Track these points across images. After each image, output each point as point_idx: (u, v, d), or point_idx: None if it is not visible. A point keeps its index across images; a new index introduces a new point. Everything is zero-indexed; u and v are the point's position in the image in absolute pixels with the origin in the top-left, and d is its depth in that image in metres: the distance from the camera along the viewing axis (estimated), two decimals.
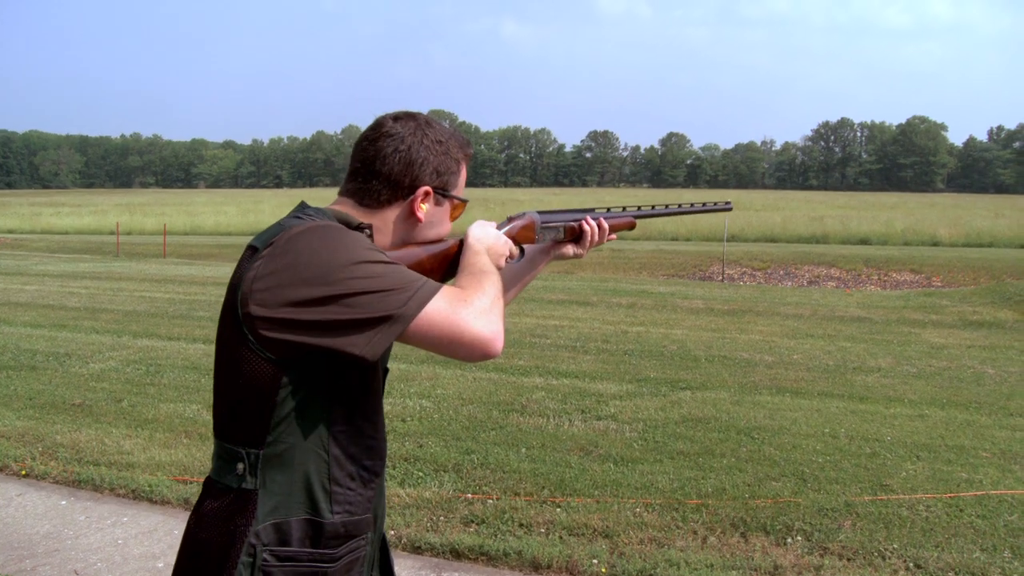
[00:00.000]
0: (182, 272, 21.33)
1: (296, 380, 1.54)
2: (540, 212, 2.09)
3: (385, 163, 1.71)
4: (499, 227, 1.97)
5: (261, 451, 1.56)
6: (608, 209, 2.21)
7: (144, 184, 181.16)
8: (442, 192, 1.78)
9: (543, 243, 2.13)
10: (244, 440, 1.57)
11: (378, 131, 1.74)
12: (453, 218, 1.85)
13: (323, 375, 1.56)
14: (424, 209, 1.76)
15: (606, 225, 2.18)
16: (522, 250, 2.06)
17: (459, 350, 1.58)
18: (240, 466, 1.57)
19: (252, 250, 1.59)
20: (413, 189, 1.74)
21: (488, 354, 1.59)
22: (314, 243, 1.53)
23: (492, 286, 1.68)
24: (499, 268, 1.81)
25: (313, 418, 1.57)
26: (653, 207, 2.30)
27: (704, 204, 2.37)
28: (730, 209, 2.47)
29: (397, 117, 1.76)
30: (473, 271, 1.74)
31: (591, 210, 2.17)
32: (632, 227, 2.27)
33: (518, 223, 2.04)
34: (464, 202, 1.85)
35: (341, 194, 1.77)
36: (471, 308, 1.58)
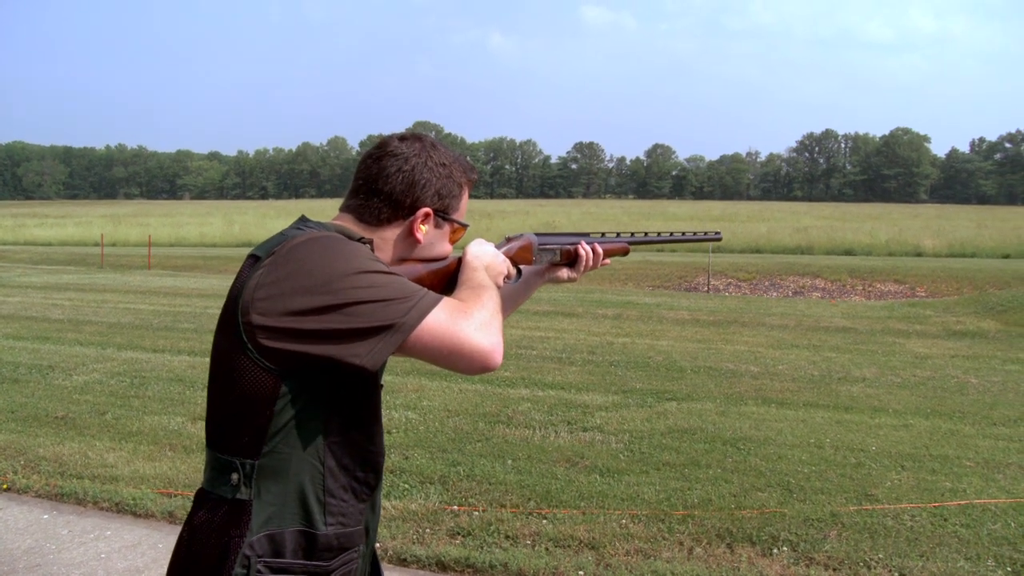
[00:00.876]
0: (167, 284, 21.23)
1: (294, 390, 1.53)
2: (538, 234, 2.11)
3: (388, 182, 1.72)
4: (497, 247, 1.98)
5: (256, 461, 1.55)
6: (603, 234, 2.23)
7: (129, 195, 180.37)
8: (442, 215, 1.79)
9: (539, 265, 2.14)
10: (239, 450, 1.56)
11: (383, 150, 1.75)
12: (452, 241, 1.86)
13: (321, 385, 1.56)
14: (423, 230, 1.76)
15: (600, 250, 2.21)
16: (519, 271, 2.07)
17: (459, 362, 1.58)
18: (235, 476, 1.55)
19: (254, 259, 1.59)
20: (414, 210, 1.75)
21: (487, 366, 1.59)
22: (316, 252, 1.53)
23: (491, 300, 1.69)
24: (497, 287, 1.82)
25: (310, 429, 1.56)
26: (646, 234, 2.33)
27: (695, 233, 2.43)
28: (720, 239, 2.51)
29: (403, 137, 1.78)
30: (471, 285, 1.75)
31: (586, 234, 2.20)
32: (626, 253, 2.30)
33: (516, 244, 2.06)
34: (464, 226, 1.86)
35: (342, 210, 1.78)
36: (471, 320, 1.59)
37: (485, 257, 1.87)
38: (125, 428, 6.85)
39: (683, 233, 2.39)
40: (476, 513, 4.97)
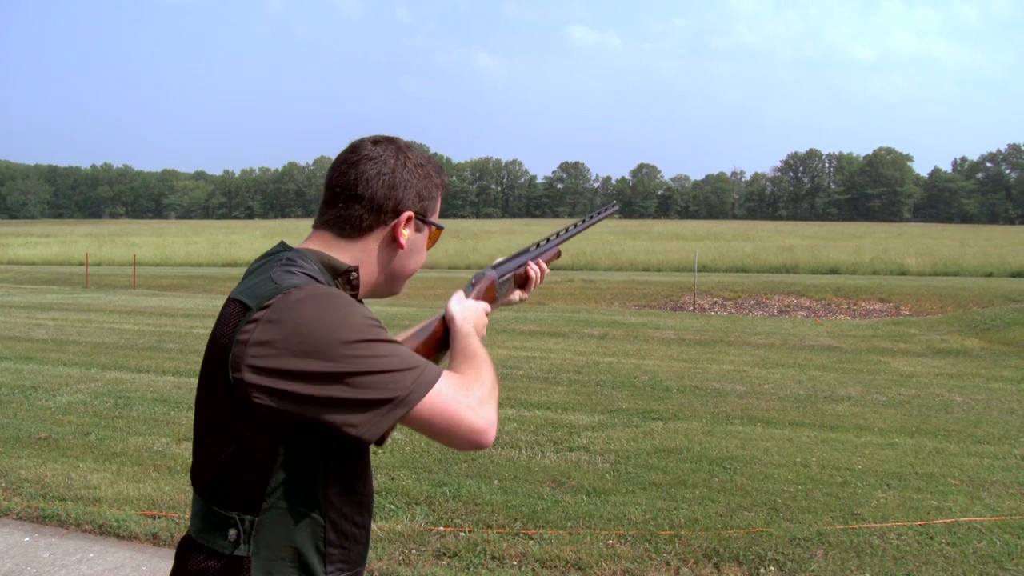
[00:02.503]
0: (152, 303, 21.11)
1: (294, 446, 1.48)
2: (494, 267, 2.09)
3: (368, 186, 1.65)
4: (466, 293, 1.95)
5: (256, 518, 1.49)
6: (538, 244, 2.23)
7: (114, 215, 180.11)
8: (422, 217, 1.74)
9: (502, 298, 2.12)
10: (238, 506, 1.49)
11: (358, 154, 1.68)
12: (429, 246, 1.81)
13: (317, 444, 1.50)
14: (406, 235, 1.71)
15: (545, 266, 2.20)
16: None
17: (453, 439, 1.54)
18: (233, 532, 1.49)
19: (241, 307, 1.49)
20: (397, 213, 1.68)
21: (479, 446, 1.56)
22: (316, 314, 1.45)
23: (488, 373, 1.66)
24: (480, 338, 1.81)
25: (309, 482, 1.51)
26: (567, 230, 2.33)
27: (600, 213, 2.48)
28: (617, 208, 2.61)
29: (376, 140, 1.71)
30: (467, 355, 1.71)
31: (527, 250, 2.19)
32: (559, 256, 2.31)
33: (482, 286, 2.02)
34: (441, 229, 1.81)
35: (317, 227, 1.71)
36: (470, 398, 1.55)
37: (471, 316, 1.84)
38: (109, 449, 6.80)
39: (591, 217, 2.43)
40: (462, 534, 4.95)
